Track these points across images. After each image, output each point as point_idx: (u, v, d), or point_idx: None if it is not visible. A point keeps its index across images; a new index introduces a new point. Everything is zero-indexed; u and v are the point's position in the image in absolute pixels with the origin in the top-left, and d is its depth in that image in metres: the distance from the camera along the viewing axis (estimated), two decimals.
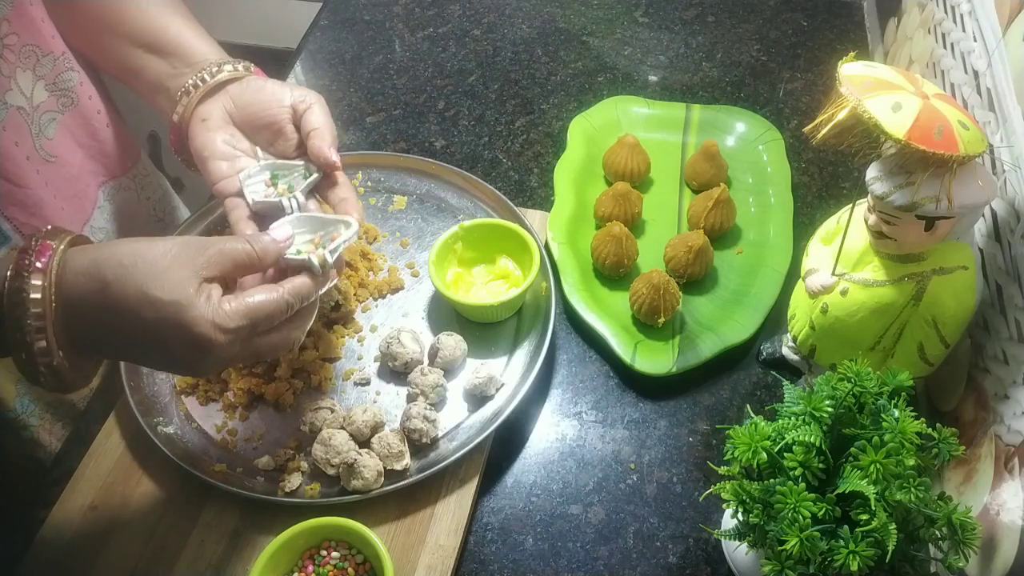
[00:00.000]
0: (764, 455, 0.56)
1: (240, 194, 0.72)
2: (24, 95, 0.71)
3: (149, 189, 0.92)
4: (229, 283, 0.63)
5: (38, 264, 0.56)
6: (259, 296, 0.60)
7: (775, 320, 0.86)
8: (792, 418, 0.57)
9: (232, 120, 0.74)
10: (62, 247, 0.57)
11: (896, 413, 0.56)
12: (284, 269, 0.65)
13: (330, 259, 0.66)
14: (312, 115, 0.72)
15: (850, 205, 0.69)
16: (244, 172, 0.72)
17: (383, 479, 0.73)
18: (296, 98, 0.73)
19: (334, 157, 0.71)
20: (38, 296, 0.55)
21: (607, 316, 0.86)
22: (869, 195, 0.63)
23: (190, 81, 0.73)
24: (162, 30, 0.76)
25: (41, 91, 0.73)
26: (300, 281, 0.63)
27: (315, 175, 0.73)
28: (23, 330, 0.55)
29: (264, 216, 0.71)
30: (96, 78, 0.82)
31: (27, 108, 0.72)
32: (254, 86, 0.74)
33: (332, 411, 0.77)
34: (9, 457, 0.79)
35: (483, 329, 0.85)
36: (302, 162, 0.74)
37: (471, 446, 0.75)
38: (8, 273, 0.56)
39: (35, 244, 0.57)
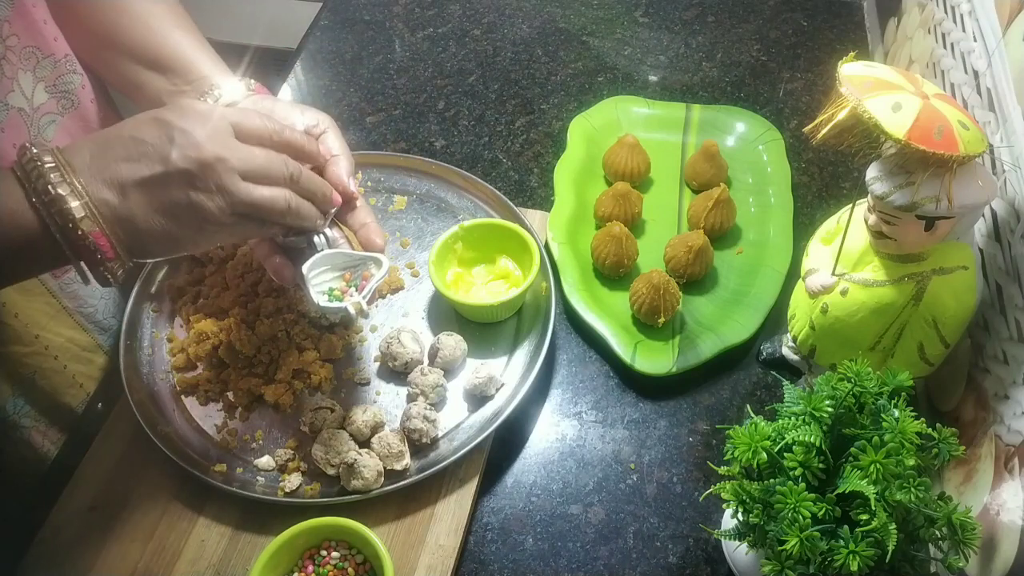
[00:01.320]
0: (764, 455, 0.56)
1: None
2: (25, 96, 0.71)
3: None
4: None
5: (60, 189, 0.56)
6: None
7: (775, 320, 0.86)
8: (792, 418, 0.57)
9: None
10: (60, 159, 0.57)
11: (896, 413, 0.56)
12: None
13: (365, 307, 0.68)
14: (328, 140, 0.71)
15: (850, 205, 0.69)
16: None
17: (383, 479, 0.73)
18: (308, 122, 0.71)
19: (353, 187, 0.70)
20: (77, 205, 0.56)
21: (607, 316, 0.86)
22: (869, 195, 0.63)
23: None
24: (160, 45, 0.75)
25: (41, 93, 0.73)
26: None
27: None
28: (78, 234, 0.56)
29: (291, 250, 0.71)
30: (98, 81, 0.82)
31: (27, 109, 0.72)
32: (263, 108, 0.71)
33: (332, 411, 0.77)
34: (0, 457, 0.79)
35: (483, 329, 0.85)
36: None
37: (471, 446, 0.75)
38: (36, 199, 0.56)
39: (33, 165, 0.56)
